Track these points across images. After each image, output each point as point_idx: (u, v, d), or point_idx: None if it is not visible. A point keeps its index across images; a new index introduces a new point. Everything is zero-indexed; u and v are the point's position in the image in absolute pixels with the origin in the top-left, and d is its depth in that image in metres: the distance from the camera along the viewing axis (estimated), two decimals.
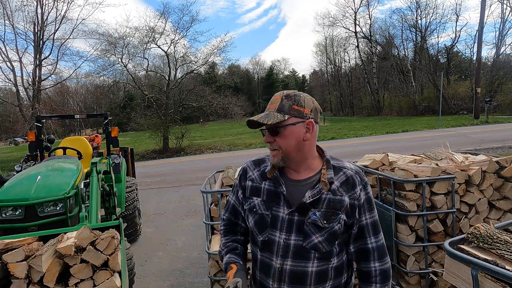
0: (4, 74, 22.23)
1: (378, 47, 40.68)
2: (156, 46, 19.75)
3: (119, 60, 19.39)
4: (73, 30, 20.63)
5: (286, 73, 78.05)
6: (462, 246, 1.53)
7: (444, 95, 24.32)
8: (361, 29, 40.65)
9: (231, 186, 2.94)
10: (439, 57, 36.62)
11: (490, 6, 28.33)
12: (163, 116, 18.13)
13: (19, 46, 20.90)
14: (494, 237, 1.47)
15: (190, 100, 19.44)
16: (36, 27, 19.71)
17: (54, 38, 20.27)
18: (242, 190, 1.35)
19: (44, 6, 19.72)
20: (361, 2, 39.14)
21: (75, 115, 6.35)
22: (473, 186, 2.71)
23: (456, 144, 10.15)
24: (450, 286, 2.30)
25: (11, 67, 20.20)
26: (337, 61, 53.48)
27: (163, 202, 7.41)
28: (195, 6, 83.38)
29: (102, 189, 3.51)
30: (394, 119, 28.50)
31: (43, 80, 20.71)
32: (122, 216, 4.71)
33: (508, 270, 1.25)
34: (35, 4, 19.41)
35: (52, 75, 21.66)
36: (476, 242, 1.51)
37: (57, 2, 19.76)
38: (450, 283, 1.57)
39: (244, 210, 1.34)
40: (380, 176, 2.98)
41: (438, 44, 36.09)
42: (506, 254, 1.37)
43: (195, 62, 20.69)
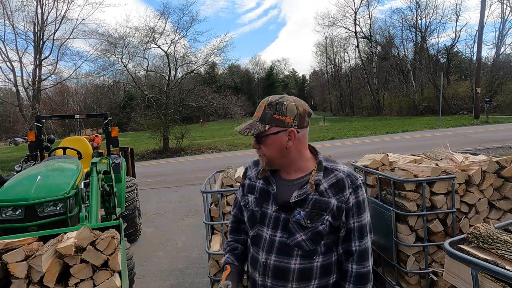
0: (4, 74, 22.22)
1: (378, 47, 40.71)
2: (156, 46, 19.78)
3: (119, 60, 19.40)
4: (73, 30, 20.67)
5: (286, 73, 78.15)
6: (462, 246, 1.53)
7: (444, 95, 24.32)
8: (361, 29, 40.73)
9: (231, 186, 2.94)
10: (439, 57, 36.65)
11: (490, 6, 28.39)
12: (163, 116, 18.13)
13: (19, 46, 20.95)
14: (494, 237, 1.47)
15: (190, 100, 19.43)
16: (36, 27, 19.72)
17: (54, 38, 20.30)
18: (243, 188, 1.44)
19: (44, 6, 19.75)
20: (361, 2, 39.21)
21: (75, 115, 6.35)
22: (473, 186, 2.70)
23: (456, 144, 10.15)
24: (450, 286, 2.30)
25: (11, 67, 20.24)
26: (337, 61, 53.57)
27: (163, 202, 7.41)
28: (195, 6, 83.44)
29: (102, 189, 3.51)
30: (394, 119, 28.50)
31: (43, 80, 20.73)
32: (122, 216, 4.71)
33: (508, 270, 1.25)
34: (35, 4, 19.45)
35: (52, 75, 21.71)
36: (476, 242, 1.51)
37: (57, 2, 19.80)
38: (450, 283, 1.57)
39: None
40: (380, 176, 2.98)
41: (438, 44, 36.18)
42: (506, 254, 1.37)
43: (195, 62, 20.72)
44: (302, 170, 1.27)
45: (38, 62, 19.76)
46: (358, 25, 40.49)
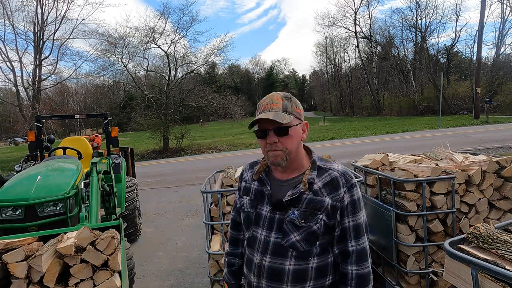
0: (4, 74, 22.26)
1: (378, 47, 40.70)
2: (156, 46, 19.78)
3: (119, 60, 19.40)
4: (73, 30, 20.68)
5: (286, 73, 78.06)
6: (462, 246, 1.53)
7: (444, 95, 24.32)
8: (361, 29, 40.72)
9: (231, 186, 2.94)
10: (439, 57, 36.64)
11: (490, 6, 28.38)
12: (163, 116, 18.14)
13: (19, 46, 20.96)
14: (494, 237, 1.47)
15: (190, 100, 19.43)
16: (36, 27, 19.72)
17: (54, 38, 20.31)
18: (239, 191, 1.43)
19: (44, 6, 19.75)
20: (361, 2, 39.20)
21: (75, 115, 6.35)
22: (473, 186, 2.71)
23: (456, 144, 10.15)
24: (450, 286, 2.30)
25: (11, 67, 20.25)
26: (337, 61, 53.56)
27: (163, 202, 7.41)
28: (195, 6, 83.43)
29: (102, 189, 3.51)
30: (394, 119, 28.50)
31: (43, 80, 20.73)
32: (122, 216, 4.71)
33: (508, 270, 1.25)
34: (35, 4, 19.45)
35: (52, 75, 21.72)
36: (476, 242, 1.51)
37: (57, 2, 19.80)
38: (450, 283, 1.57)
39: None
40: (380, 176, 2.98)
41: (438, 44, 36.16)
42: (506, 254, 1.37)
43: (195, 62, 20.72)
44: (298, 169, 1.26)
45: (38, 62, 19.76)
46: (358, 25, 40.54)
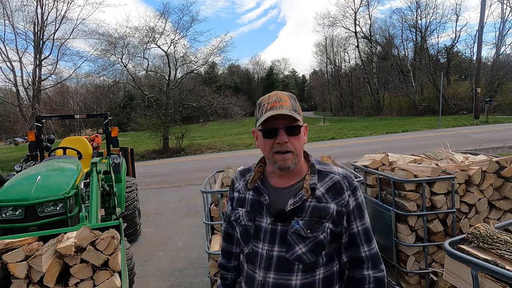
0: (4, 74, 22.26)
1: (378, 47, 40.71)
2: (156, 46, 19.79)
3: (119, 60, 19.41)
4: (73, 30, 20.68)
5: (286, 73, 78.08)
6: (462, 246, 1.53)
7: (444, 95, 24.32)
8: (361, 29, 40.72)
9: None
10: (439, 57, 36.64)
11: (490, 6, 28.35)
12: (163, 116, 18.14)
13: (19, 46, 20.95)
14: (494, 237, 1.47)
15: (190, 100, 19.44)
16: (36, 27, 19.72)
17: (54, 38, 20.31)
18: (231, 202, 1.33)
19: (44, 6, 19.75)
20: (361, 2, 39.20)
21: (75, 115, 6.36)
22: (473, 186, 2.71)
23: (456, 144, 10.15)
24: (450, 286, 2.30)
25: (11, 67, 20.25)
26: (337, 61, 53.55)
27: (163, 202, 7.41)
28: (195, 6, 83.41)
29: (102, 189, 3.51)
30: (394, 119, 28.50)
31: (43, 80, 20.73)
32: (122, 216, 4.71)
33: (508, 270, 1.25)
34: (35, 4, 19.45)
35: (52, 75, 21.72)
36: (476, 242, 1.51)
37: (57, 2, 19.80)
38: (450, 283, 1.57)
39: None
40: (380, 176, 2.98)
41: (438, 44, 36.16)
42: (506, 254, 1.37)
43: (195, 62, 20.73)
44: (297, 175, 1.18)
45: (38, 62, 19.76)
46: (358, 25, 40.54)
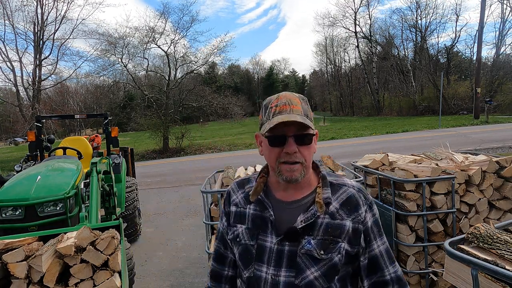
0: (4, 74, 22.28)
1: (378, 47, 40.71)
2: (156, 46, 19.81)
3: (119, 60, 19.42)
4: (73, 30, 20.70)
5: (286, 73, 78.17)
6: (462, 246, 1.53)
7: (444, 95, 24.32)
8: (361, 29, 40.73)
9: None
10: (439, 57, 36.65)
11: (490, 6, 28.37)
12: (163, 116, 18.14)
13: (19, 46, 20.98)
14: (494, 237, 1.47)
15: (190, 100, 19.45)
16: (36, 27, 19.73)
17: (54, 38, 20.32)
18: (227, 217, 1.16)
19: (44, 6, 19.76)
20: (361, 2, 39.21)
21: (75, 115, 6.36)
22: (473, 186, 2.71)
23: (456, 144, 10.15)
24: (450, 286, 2.30)
25: (11, 67, 20.26)
26: (337, 61, 53.56)
27: (163, 202, 7.41)
28: (195, 6, 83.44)
29: (102, 189, 3.51)
30: (394, 119, 28.51)
31: (43, 80, 20.74)
32: (122, 216, 4.71)
33: (508, 270, 1.25)
34: (35, 4, 19.46)
35: (52, 75, 21.74)
36: (476, 242, 1.51)
37: (57, 2, 19.81)
38: (450, 283, 1.57)
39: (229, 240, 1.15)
40: (380, 176, 2.98)
41: (438, 44, 36.17)
42: (506, 254, 1.37)
43: (195, 62, 20.74)
44: (307, 187, 1.04)
45: (38, 62, 19.76)
46: (358, 25, 40.54)
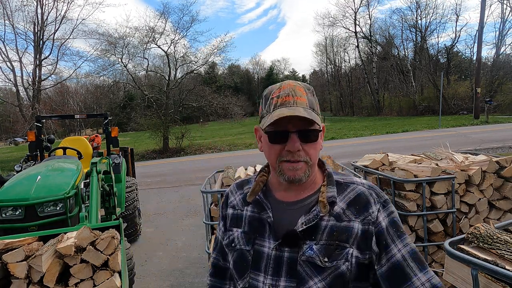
0: (4, 74, 22.29)
1: (378, 47, 40.72)
2: (156, 46, 19.82)
3: (119, 60, 19.43)
4: (73, 30, 20.72)
5: (286, 73, 78.11)
6: (462, 246, 1.53)
7: (444, 95, 24.32)
8: (361, 29, 40.72)
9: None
10: (439, 57, 36.65)
11: (490, 6, 28.37)
12: (163, 116, 18.15)
13: (19, 46, 20.99)
14: (494, 237, 1.47)
15: (190, 100, 19.46)
16: (36, 27, 19.74)
17: (54, 38, 20.34)
18: (223, 221, 1.05)
19: (44, 6, 19.78)
20: (361, 2, 39.19)
21: (75, 115, 6.36)
22: (473, 186, 2.71)
23: (456, 144, 10.14)
24: (450, 286, 2.30)
25: (11, 67, 20.28)
26: (337, 61, 53.54)
27: (163, 202, 7.41)
28: (195, 6, 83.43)
29: (102, 189, 3.51)
30: (394, 119, 28.51)
31: (43, 80, 20.75)
32: (122, 216, 4.71)
33: (508, 270, 1.25)
34: (35, 4, 19.47)
35: (52, 75, 21.76)
36: (476, 242, 1.51)
37: (57, 2, 19.82)
38: (450, 283, 1.57)
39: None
40: (380, 176, 2.98)
41: (438, 44, 36.18)
42: (506, 254, 1.37)
43: (195, 62, 20.76)
44: (311, 186, 0.93)
45: (38, 62, 19.77)
46: (358, 25, 40.53)
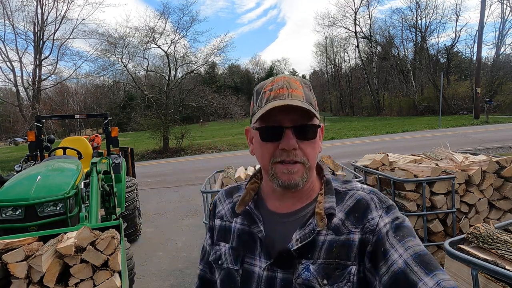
0: (4, 74, 22.33)
1: (378, 47, 40.73)
2: (156, 46, 19.81)
3: (119, 60, 19.43)
4: (73, 30, 20.72)
5: (286, 73, 78.04)
6: (462, 246, 1.53)
7: (444, 95, 24.33)
8: (361, 29, 40.73)
9: None
10: (439, 57, 36.67)
11: (490, 6, 28.42)
12: (163, 116, 18.15)
13: (19, 46, 21.00)
14: (494, 237, 1.47)
15: (190, 100, 19.46)
16: (36, 27, 19.74)
17: (54, 38, 20.34)
18: (211, 233, 0.95)
19: (44, 6, 19.78)
20: (361, 2, 39.20)
21: (75, 115, 6.36)
22: (473, 186, 2.71)
23: (456, 144, 10.14)
24: None
25: (11, 67, 20.28)
26: (337, 61, 53.56)
27: (163, 202, 7.41)
28: (195, 6, 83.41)
29: (102, 189, 3.51)
30: (394, 119, 28.52)
31: (43, 80, 20.76)
32: (122, 216, 4.71)
33: (508, 270, 1.25)
34: (35, 4, 19.47)
35: (52, 75, 21.76)
36: (476, 242, 1.51)
37: (57, 2, 19.83)
38: None
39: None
40: (380, 176, 2.98)
41: (438, 44, 36.21)
42: (506, 254, 1.37)
43: (195, 62, 20.75)
44: (307, 195, 0.81)
45: (38, 62, 19.77)
46: (358, 25, 40.54)
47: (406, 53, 38.28)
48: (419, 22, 34.98)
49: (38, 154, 4.69)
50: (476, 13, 36.44)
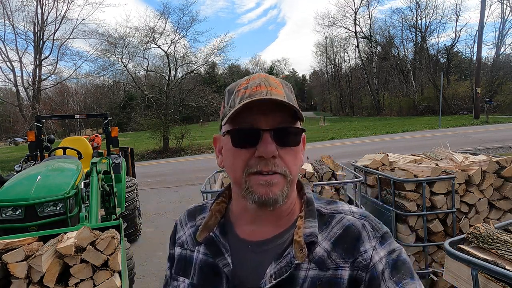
0: (4, 74, 22.29)
1: (378, 47, 40.74)
2: (156, 46, 19.83)
3: (119, 60, 19.44)
4: (73, 30, 20.73)
5: (286, 73, 78.05)
6: (462, 246, 1.53)
7: (444, 95, 24.33)
8: (361, 29, 40.74)
9: None
10: (439, 57, 36.67)
11: (490, 6, 28.39)
12: (163, 116, 18.16)
13: (19, 46, 21.02)
14: (494, 237, 1.47)
15: (190, 100, 19.47)
16: (36, 27, 19.75)
17: (54, 38, 20.36)
18: (170, 263, 0.79)
19: (44, 6, 19.79)
20: (361, 2, 39.20)
21: (75, 115, 6.37)
22: (473, 186, 2.71)
23: (456, 144, 10.14)
24: (450, 286, 2.30)
25: (11, 67, 20.30)
26: (337, 61, 53.58)
27: (163, 202, 7.41)
28: (195, 6, 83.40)
29: (102, 189, 3.51)
30: (394, 119, 28.52)
31: (43, 80, 20.77)
32: (122, 216, 4.71)
33: (508, 270, 1.25)
34: (35, 4, 19.48)
35: (52, 75, 21.78)
36: (476, 242, 1.51)
37: (57, 2, 19.84)
38: (450, 283, 1.57)
39: None
40: (380, 176, 2.98)
41: (438, 44, 36.21)
42: (506, 254, 1.37)
43: (195, 62, 20.76)
44: (286, 218, 0.68)
45: (38, 62, 19.78)
46: (358, 25, 40.55)
47: (406, 53, 38.33)
48: (419, 22, 35.03)
49: (38, 154, 4.69)
50: (476, 13, 36.48)
